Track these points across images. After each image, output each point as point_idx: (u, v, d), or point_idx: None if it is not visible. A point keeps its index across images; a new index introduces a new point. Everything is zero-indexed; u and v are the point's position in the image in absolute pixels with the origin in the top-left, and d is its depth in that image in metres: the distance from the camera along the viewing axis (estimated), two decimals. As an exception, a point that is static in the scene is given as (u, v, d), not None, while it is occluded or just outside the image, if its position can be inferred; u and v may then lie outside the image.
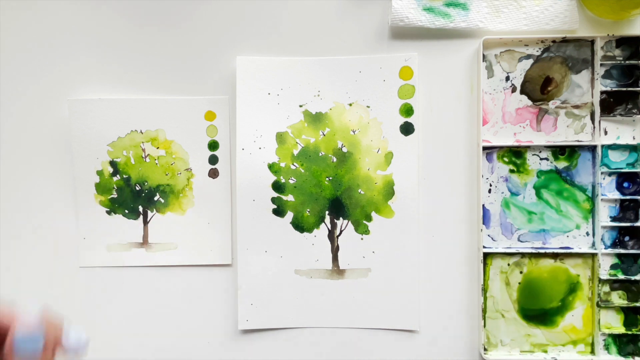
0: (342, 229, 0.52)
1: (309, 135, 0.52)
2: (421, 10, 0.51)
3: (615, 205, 0.51)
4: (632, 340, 0.51)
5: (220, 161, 0.53)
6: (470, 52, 0.52)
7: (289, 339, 0.53)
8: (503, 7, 0.51)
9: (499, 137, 0.52)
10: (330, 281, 0.52)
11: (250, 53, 0.52)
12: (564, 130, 0.51)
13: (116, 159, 0.53)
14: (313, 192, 0.52)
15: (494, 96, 0.51)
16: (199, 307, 0.54)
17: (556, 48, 0.51)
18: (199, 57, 0.53)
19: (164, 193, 0.53)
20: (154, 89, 0.53)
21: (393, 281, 0.52)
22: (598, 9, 0.49)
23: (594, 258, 0.51)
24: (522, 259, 0.52)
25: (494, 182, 0.52)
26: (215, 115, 0.53)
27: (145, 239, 0.54)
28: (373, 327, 0.53)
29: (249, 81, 0.52)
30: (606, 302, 0.51)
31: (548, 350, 0.52)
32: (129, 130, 0.53)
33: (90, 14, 0.53)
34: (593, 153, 0.51)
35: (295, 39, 0.52)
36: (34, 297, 0.54)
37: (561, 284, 0.52)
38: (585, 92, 0.51)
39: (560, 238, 0.52)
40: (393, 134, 0.52)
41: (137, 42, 0.53)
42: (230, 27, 0.52)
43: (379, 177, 0.52)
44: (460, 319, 0.52)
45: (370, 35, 0.52)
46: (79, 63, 0.53)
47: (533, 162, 0.52)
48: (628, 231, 0.51)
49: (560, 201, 0.51)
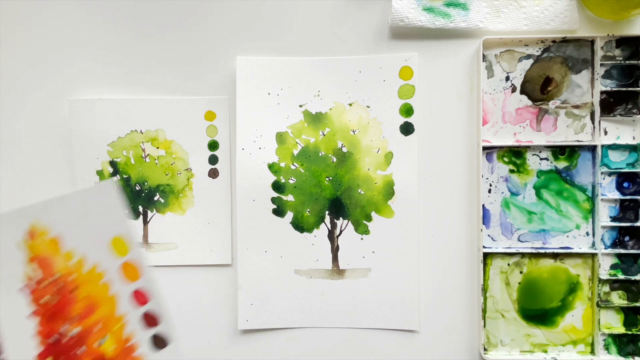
0: (342, 229, 0.52)
1: (309, 135, 0.52)
2: (421, 10, 0.51)
3: (615, 205, 0.51)
4: (632, 340, 0.51)
5: (220, 161, 0.53)
6: (470, 52, 0.52)
7: (289, 339, 0.53)
8: (503, 7, 0.51)
9: (499, 137, 0.52)
10: (330, 281, 0.52)
11: (250, 53, 0.52)
12: (564, 130, 0.51)
13: (116, 159, 0.53)
14: (313, 192, 0.52)
15: (494, 96, 0.51)
16: (199, 307, 0.54)
17: (556, 48, 0.51)
18: (199, 57, 0.53)
19: (164, 193, 0.53)
20: (154, 89, 0.53)
21: (393, 281, 0.52)
22: (598, 9, 0.49)
23: (594, 258, 0.51)
24: (522, 259, 0.52)
25: (494, 182, 0.52)
26: (215, 115, 0.53)
27: (145, 239, 0.54)
28: (373, 327, 0.53)
29: (249, 81, 0.52)
30: (606, 302, 0.51)
31: (548, 350, 0.52)
32: (129, 130, 0.53)
33: (91, 15, 0.53)
34: (593, 153, 0.51)
35: (295, 39, 0.52)
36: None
37: (561, 284, 0.52)
38: (585, 92, 0.51)
39: (560, 238, 0.52)
40: (393, 134, 0.52)
41: (137, 43, 0.53)
42: (230, 27, 0.53)
43: (379, 177, 0.52)
44: (460, 319, 0.52)
45: (370, 35, 0.52)
46: (80, 63, 0.53)
47: (533, 162, 0.52)
48: (628, 231, 0.51)
49: (560, 201, 0.51)
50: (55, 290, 0.29)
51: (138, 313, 0.30)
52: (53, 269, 0.29)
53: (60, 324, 0.29)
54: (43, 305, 0.29)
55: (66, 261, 0.29)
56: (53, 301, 0.29)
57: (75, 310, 0.30)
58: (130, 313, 0.30)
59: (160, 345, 0.29)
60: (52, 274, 0.29)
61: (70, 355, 0.29)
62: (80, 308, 0.30)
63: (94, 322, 0.30)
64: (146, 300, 0.30)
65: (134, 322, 0.30)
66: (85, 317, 0.30)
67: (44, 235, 0.29)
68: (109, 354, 0.30)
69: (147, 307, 0.30)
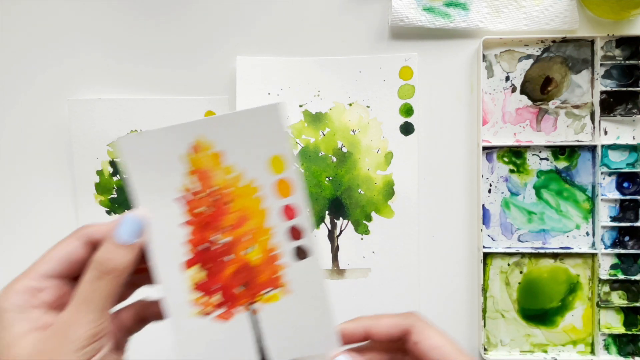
0: (342, 229, 0.52)
1: (309, 135, 0.52)
2: (421, 10, 0.51)
3: (615, 205, 0.51)
4: (632, 340, 0.51)
5: (220, 161, 0.53)
6: (470, 52, 0.52)
7: (289, 339, 0.53)
8: (503, 7, 0.51)
9: (499, 137, 0.52)
10: (330, 281, 0.52)
11: (250, 53, 0.52)
12: (564, 130, 0.51)
13: (116, 159, 0.53)
14: (313, 192, 0.52)
15: (494, 96, 0.51)
16: (199, 307, 0.53)
17: (556, 48, 0.51)
18: (199, 57, 0.53)
19: (164, 193, 0.53)
20: (154, 89, 0.53)
21: (393, 281, 0.52)
22: (598, 9, 0.49)
23: (594, 258, 0.51)
24: (522, 259, 0.52)
25: (494, 182, 0.52)
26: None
27: (145, 239, 0.54)
28: (373, 327, 0.52)
29: (249, 81, 0.52)
30: (606, 302, 0.51)
31: (548, 351, 0.52)
32: (129, 130, 0.53)
33: (91, 14, 0.53)
34: (593, 153, 0.51)
35: (295, 39, 0.52)
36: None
37: (561, 284, 0.52)
38: (585, 92, 0.51)
39: (560, 238, 0.52)
40: (393, 134, 0.52)
41: (137, 42, 0.53)
42: (230, 27, 0.52)
43: (378, 177, 0.52)
44: (460, 318, 0.52)
45: (370, 35, 0.52)
46: (79, 63, 0.53)
47: (533, 162, 0.52)
48: (628, 231, 0.51)
49: (560, 201, 0.51)
50: (211, 202, 0.32)
51: (285, 226, 0.32)
52: (211, 182, 0.31)
53: (212, 234, 0.32)
54: (197, 215, 0.32)
55: (225, 175, 0.31)
56: (208, 212, 0.32)
57: (228, 221, 0.32)
58: (278, 226, 0.32)
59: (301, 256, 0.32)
60: (210, 186, 0.31)
61: (217, 262, 0.32)
62: (233, 219, 0.32)
63: (243, 232, 0.32)
64: (294, 215, 0.32)
65: (280, 234, 0.32)
66: (236, 228, 0.32)
67: (207, 149, 0.31)
68: (253, 262, 0.32)
69: (294, 221, 0.32)
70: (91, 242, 0.30)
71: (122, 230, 0.29)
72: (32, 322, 0.28)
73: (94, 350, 0.28)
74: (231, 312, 0.33)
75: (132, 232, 0.29)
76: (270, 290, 0.33)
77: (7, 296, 0.28)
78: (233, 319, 0.33)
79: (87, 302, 0.28)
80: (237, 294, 0.33)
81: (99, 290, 0.28)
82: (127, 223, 0.30)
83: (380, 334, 0.33)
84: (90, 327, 0.27)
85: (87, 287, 0.28)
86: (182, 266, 0.32)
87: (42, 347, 0.27)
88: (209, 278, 0.32)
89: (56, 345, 0.27)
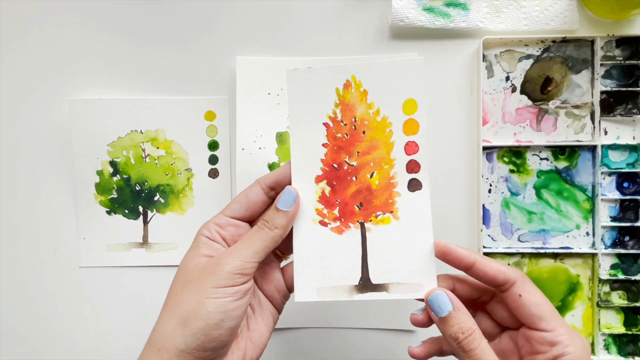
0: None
1: (309, 135, 0.52)
2: (421, 10, 0.51)
3: (615, 205, 0.51)
4: (632, 340, 0.51)
5: (220, 161, 0.53)
6: (470, 52, 0.52)
7: (289, 339, 0.53)
8: (503, 7, 0.51)
9: (499, 137, 0.52)
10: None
11: (250, 53, 0.52)
12: (564, 130, 0.51)
13: (116, 159, 0.53)
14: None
15: (494, 96, 0.51)
16: (199, 307, 0.53)
17: (556, 48, 0.51)
18: (199, 57, 0.53)
19: (164, 193, 0.53)
20: (154, 89, 0.53)
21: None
22: (598, 9, 0.49)
23: (594, 258, 0.51)
24: (522, 259, 0.52)
25: (494, 182, 0.52)
26: (215, 115, 0.53)
27: (145, 239, 0.54)
28: (373, 327, 0.53)
29: (249, 81, 0.52)
30: (606, 302, 0.51)
31: (548, 350, 0.51)
32: (129, 130, 0.53)
33: (91, 15, 0.53)
34: (593, 153, 0.51)
35: (295, 39, 0.52)
36: (34, 297, 0.54)
37: (561, 284, 0.52)
38: (585, 92, 0.51)
39: (560, 238, 0.52)
40: (393, 133, 0.52)
41: (137, 43, 0.53)
42: (230, 27, 0.52)
43: (379, 177, 0.52)
44: (460, 319, 0.52)
45: (370, 35, 0.52)
46: (80, 63, 0.53)
47: (533, 162, 0.52)
48: (628, 231, 0.51)
49: (560, 201, 0.51)
50: (350, 130, 0.38)
51: (406, 159, 0.38)
52: (354, 113, 0.38)
53: (344, 157, 0.38)
54: (335, 139, 0.38)
55: (366, 109, 0.38)
56: (345, 138, 0.38)
57: (359, 148, 0.38)
58: (400, 158, 0.38)
59: (414, 188, 0.38)
60: (352, 117, 0.38)
61: (343, 180, 0.38)
62: (364, 147, 0.38)
63: (370, 159, 0.38)
64: (415, 151, 0.38)
65: (400, 166, 0.38)
66: (365, 154, 0.38)
67: (355, 87, 0.38)
68: (373, 185, 0.38)
69: (414, 156, 0.38)
70: (267, 186, 0.39)
71: (282, 200, 0.38)
72: (210, 250, 0.37)
73: (238, 281, 0.35)
74: (346, 225, 0.39)
75: (288, 202, 0.38)
76: (383, 214, 0.38)
77: (204, 227, 0.38)
78: (345, 234, 0.39)
79: (247, 244, 0.36)
80: (353, 211, 0.39)
81: (257, 238, 0.36)
82: (285, 195, 0.38)
83: (485, 273, 0.37)
84: (240, 262, 0.35)
85: (251, 233, 0.37)
86: (314, 179, 0.39)
87: (205, 267, 0.36)
88: (333, 194, 0.39)
89: (214, 268, 0.35)
